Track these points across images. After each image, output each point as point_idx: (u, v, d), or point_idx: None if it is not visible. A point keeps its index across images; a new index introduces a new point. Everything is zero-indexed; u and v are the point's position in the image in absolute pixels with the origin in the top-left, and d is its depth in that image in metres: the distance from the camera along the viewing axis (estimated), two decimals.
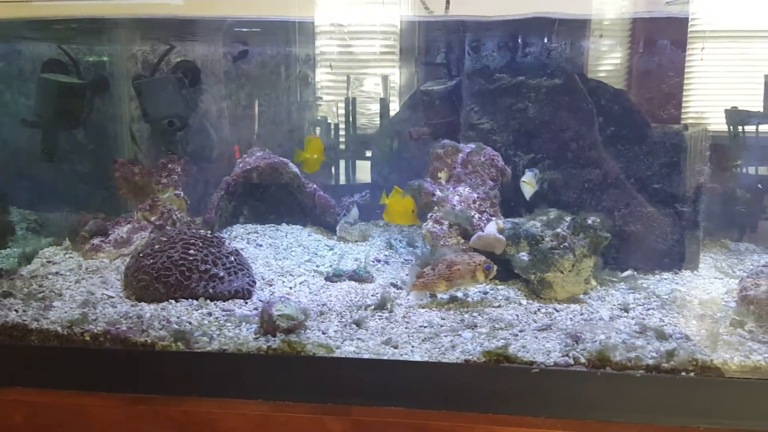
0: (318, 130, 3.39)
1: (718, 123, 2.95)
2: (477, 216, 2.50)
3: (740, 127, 2.94)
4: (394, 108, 3.31)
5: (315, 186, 2.99)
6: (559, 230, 2.26)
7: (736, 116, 2.93)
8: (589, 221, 2.25)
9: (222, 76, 3.24)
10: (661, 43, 2.84)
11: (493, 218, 2.48)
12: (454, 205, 2.52)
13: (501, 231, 2.36)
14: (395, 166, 3.28)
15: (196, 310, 2.02)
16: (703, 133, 2.70)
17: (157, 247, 2.18)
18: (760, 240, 2.83)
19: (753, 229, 2.91)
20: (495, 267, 2.18)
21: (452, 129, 2.86)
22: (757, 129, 2.92)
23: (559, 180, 2.57)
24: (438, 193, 2.58)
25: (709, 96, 2.98)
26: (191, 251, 2.15)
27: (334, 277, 2.41)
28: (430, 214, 2.55)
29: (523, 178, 2.49)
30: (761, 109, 2.87)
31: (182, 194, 2.80)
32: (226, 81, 3.23)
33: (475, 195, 2.56)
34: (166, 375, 1.79)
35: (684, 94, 2.91)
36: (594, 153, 2.55)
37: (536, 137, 2.62)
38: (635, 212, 2.51)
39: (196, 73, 3.09)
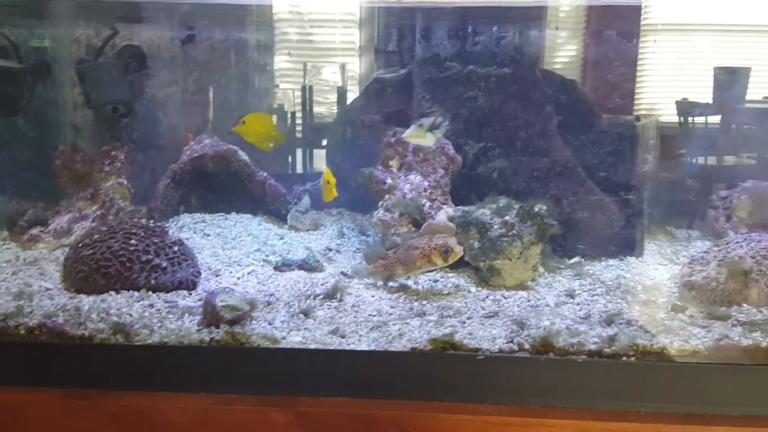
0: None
1: (670, 114, 3.01)
2: (428, 204, 2.50)
3: (690, 118, 3.01)
4: (353, 96, 3.28)
5: (266, 174, 2.94)
6: (507, 218, 2.27)
7: (686, 107, 3.00)
8: (536, 209, 2.27)
9: (170, 60, 3.16)
10: (615, 35, 2.87)
11: (444, 206, 2.48)
12: (405, 193, 2.52)
13: (451, 219, 2.36)
14: (349, 154, 3.25)
15: (138, 301, 1.97)
16: (654, 123, 2.75)
17: (96, 237, 2.11)
18: (707, 228, 2.89)
19: (702, 218, 2.98)
20: (457, 249, 2.14)
21: (405, 117, 2.85)
22: (706, 120, 2.98)
23: (508, 168, 2.58)
24: (389, 181, 2.57)
25: (662, 87, 3.04)
26: (132, 241, 2.09)
27: (282, 266, 2.38)
28: (381, 203, 2.54)
29: (404, 134, 2.44)
30: (710, 101, 2.93)
31: (126, 182, 2.72)
32: (173, 66, 3.15)
33: (426, 183, 2.55)
34: (105, 369, 1.74)
35: (637, 85, 2.96)
36: (543, 141, 2.57)
37: (486, 126, 2.62)
38: (582, 200, 2.54)
39: (141, 58, 3.00)
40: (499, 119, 2.61)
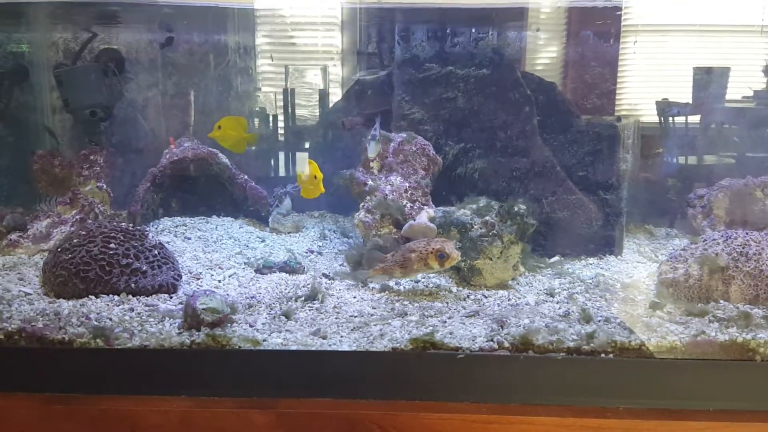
0: (257, 121, 3.34)
1: (650, 114, 3.05)
2: (409, 205, 2.51)
3: (670, 118, 3.04)
4: (335, 99, 3.28)
5: (246, 177, 2.94)
6: (487, 218, 2.29)
7: (665, 107, 3.03)
8: (516, 208, 2.28)
9: (149, 64, 3.15)
10: (596, 36, 2.90)
11: (425, 207, 2.49)
12: (386, 195, 2.52)
13: (432, 219, 2.37)
14: (330, 156, 3.26)
15: (118, 305, 1.96)
16: (634, 123, 2.79)
17: (75, 241, 2.09)
18: (686, 226, 2.93)
19: (681, 216, 3.01)
20: (453, 255, 2.10)
21: (386, 118, 2.86)
22: (686, 120, 3.02)
23: (488, 168, 2.60)
24: (370, 182, 2.57)
25: (643, 88, 3.07)
26: (111, 245, 2.07)
27: (264, 269, 2.37)
28: (362, 204, 2.54)
29: (369, 155, 2.50)
30: (690, 101, 2.97)
31: (105, 186, 2.70)
32: (153, 69, 3.14)
33: (407, 184, 2.56)
34: (85, 373, 1.72)
35: (618, 86, 2.99)
36: (522, 142, 2.59)
37: (466, 126, 2.64)
38: (562, 199, 2.56)
39: (120, 62, 2.99)
40: (479, 120, 2.63)
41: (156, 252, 2.15)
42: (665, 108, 3.04)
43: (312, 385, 1.70)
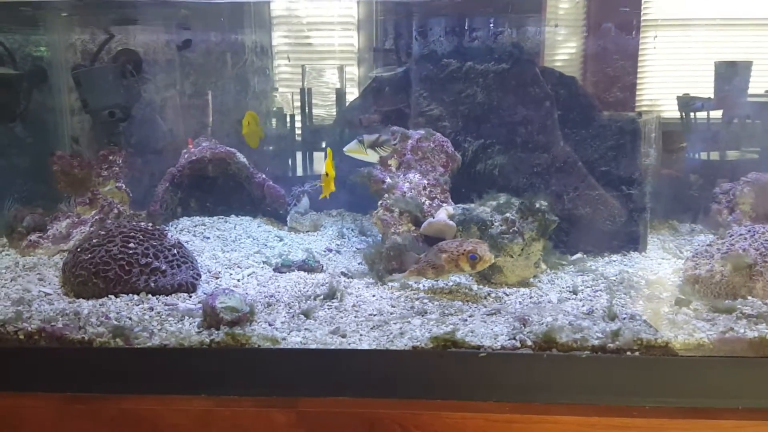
0: (275, 120, 3.34)
1: (672, 109, 3.00)
2: (427, 202, 2.48)
3: (692, 113, 2.99)
4: (353, 98, 3.26)
5: (264, 176, 2.94)
6: (508, 215, 2.25)
7: (687, 102, 2.98)
8: (537, 205, 2.25)
9: (166, 64, 3.15)
10: (616, 30, 2.86)
11: (444, 204, 2.47)
12: (405, 192, 2.50)
13: (451, 217, 2.34)
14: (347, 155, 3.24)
15: (137, 305, 1.96)
16: (656, 119, 2.74)
17: (95, 241, 2.10)
18: (711, 222, 2.88)
19: (705, 212, 2.96)
20: (486, 257, 2.04)
21: (403, 115, 2.84)
22: (708, 115, 2.97)
23: (508, 165, 2.57)
24: (388, 180, 2.55)
25: (664, 83, 3.03)
26: (131, 245, 2.07)
27: (282, 267, 2.36)
28: (380, 202, 2.52)
29: (346, 149, 2.46)
30: (712, 95, 2.92)
31: (124, 187, 2.71)
32: (170, 70, 3.15)
33: (426, 181, 2.53)
34: (104, 372, 1.72)
35: (638, 80, 2.95)
36: (542, 137, 2.56)
37: (485, 122, 2.61)
38: (584, 195, 2.52)
39: (138, 63, 2.99)
40: (498, 116, 2.60)
41: (175, 251, 2.15)
42: (688, 103, 2.99)
43: (332, 384, 1.68)
